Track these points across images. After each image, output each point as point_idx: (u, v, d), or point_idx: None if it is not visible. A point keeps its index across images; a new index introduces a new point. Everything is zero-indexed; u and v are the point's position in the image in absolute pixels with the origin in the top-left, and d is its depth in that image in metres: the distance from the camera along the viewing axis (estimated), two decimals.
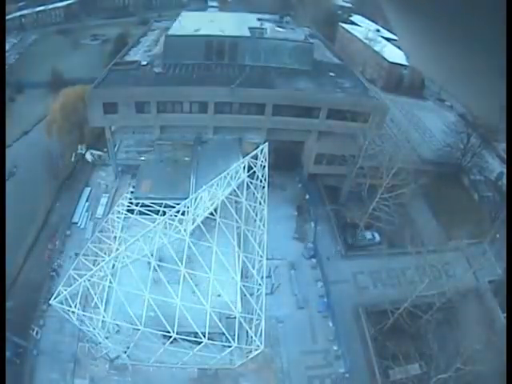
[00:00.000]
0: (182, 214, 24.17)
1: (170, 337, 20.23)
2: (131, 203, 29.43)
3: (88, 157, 41.93)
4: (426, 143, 49.52)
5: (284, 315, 28.40)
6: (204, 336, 20.02)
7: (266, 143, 27.94)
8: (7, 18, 65.64)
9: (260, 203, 25.71)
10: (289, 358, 26.04)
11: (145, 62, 38.18)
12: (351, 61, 49.16)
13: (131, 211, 28.29)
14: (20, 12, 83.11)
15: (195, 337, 20.52)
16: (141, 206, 28.56)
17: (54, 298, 22.18)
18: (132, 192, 32.35)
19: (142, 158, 36.99)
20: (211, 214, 23.19)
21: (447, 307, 27.02)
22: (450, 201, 38.22)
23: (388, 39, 66.18)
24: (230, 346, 21.16)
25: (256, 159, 26.29)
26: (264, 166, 26.54)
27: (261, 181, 26.07)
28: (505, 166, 44.77)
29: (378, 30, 70.93)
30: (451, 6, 1.07)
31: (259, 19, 44.21)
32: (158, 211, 27.56)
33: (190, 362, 22.72)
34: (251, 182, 25.33)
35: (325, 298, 29.95)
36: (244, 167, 25.20)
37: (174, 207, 24.58)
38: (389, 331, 27.70)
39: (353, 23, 78.61)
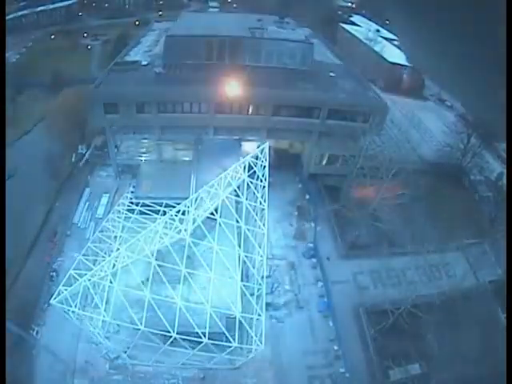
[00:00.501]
0: (183, 213, 24.20)
1: (171, 337, 20.27)
2: (132, 203, 29.50)
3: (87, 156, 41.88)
4: (426, 143, 49.51)
5: (284, 315, 28.43)
6: (204, 336, 20.06)
7: (267, 143, 27.96)
8: (7, 17, 65.70)
9: (260, 203, 25.71)
10: (289, 358, 26.04)
11: (145, 62, 38.24)
12: (351, 61, 49.15)
13: (132, 211, 28.33)
14: (20, 12, 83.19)
15: (195, 337, 20.55)
16: (141, 206, 28.63)
17: (55, 298, 22.23)
18: (132, 192, 32.43)
19: (143, 158, 37.04)
20: (212, 213, 23.19)
21: (447, 307, 27.02)
22: (450, 201, 38.21)
23: (388, 39, 66.27)
24: (230, 346, 21.19)
25: (256, 159, 26.31)
26: (264, 166, 26.55)
27: (261, 180, 26.07)
28: (505, 166, 44.79)
29: (378, 31, 71.04)
30: (452, 7, 1.10)
31: (259, 19, 44.23)
32: (159, 211, 27.63)
33: (191, 362, 22.75)
34: (251, 182, 25.33)
35: (325, 297, 29.96)
36: (244, 167, 25.19)
37: (174, 207, 24.62)
38: (389, 331, 27.68)
39: (353, 23, 78.70)
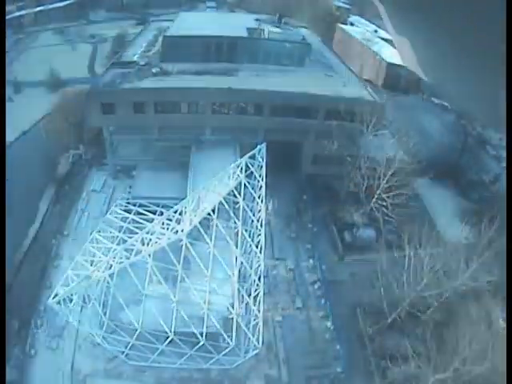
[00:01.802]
0: (180, 214, 24.17)
1: (168, 337, 20.26)
2: (129, 203, 29.48)
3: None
4: (424, 143, 49.47)
5: (282, 315, 28.37)
6: (202, 336, 20.05)
7: (264, 143, 27.98)
8: (7, 17, 65.62)
9: (257, 203, 25.71)
10: (287, 358, 26.01)
11: (143, 63, 38.20)
12: (349, 61, 49.17)
13: (129, 211, 28.30)
14: (20, 12, 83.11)
15: (193, 337, 20.54)
16: (138, 206, 28.60)
17: (52, 298, 22.22)
18: (130, 192, 32.42)
19: (140, 159, 37.00)
20: (209, 214, 23.18)
21: (445, 307, 27.00)
22: (448, 201, 38.22)
23: (386, 40, 66.24)
24: (227, 347, 21.18)
25: (254, 159, 26.32)
26: (261, 167, 26.56)
27: (258, 181, 26.09)
28: (503, 167, 44.79)
29: (376, 31, 71.03)
30: (450, 7, 1.07)
31: (257, 20, 44.26)
32: (156, 211, 27.61)
33: (188, 363, 22.72)
34: (249, 182, 25.34)
35: (323, 298, 29.93)
36: (242, 167, 25.20)
37: (171, 207, 24.59)
38: (387, 331, 27.67)
39: (351, 24, 78.73)
